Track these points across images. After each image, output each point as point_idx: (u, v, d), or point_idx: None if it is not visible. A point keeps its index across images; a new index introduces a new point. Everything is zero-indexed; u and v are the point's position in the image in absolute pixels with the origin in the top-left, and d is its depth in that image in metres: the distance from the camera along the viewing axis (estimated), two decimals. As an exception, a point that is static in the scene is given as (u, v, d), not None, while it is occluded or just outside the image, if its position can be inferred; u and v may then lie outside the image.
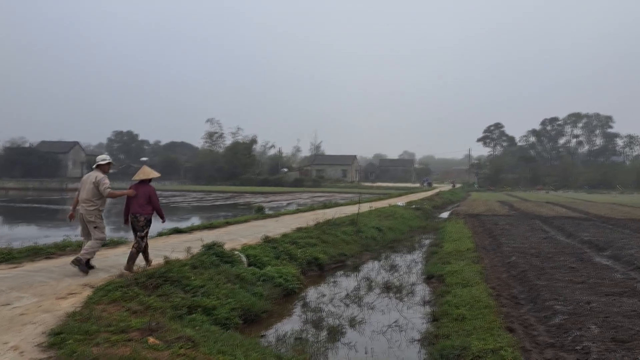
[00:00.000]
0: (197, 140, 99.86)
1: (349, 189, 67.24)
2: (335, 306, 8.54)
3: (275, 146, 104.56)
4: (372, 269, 12.16)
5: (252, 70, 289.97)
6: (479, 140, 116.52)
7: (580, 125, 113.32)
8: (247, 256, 9.90)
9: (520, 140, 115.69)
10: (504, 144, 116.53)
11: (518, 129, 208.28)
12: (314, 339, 6.78)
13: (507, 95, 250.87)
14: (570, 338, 6.04)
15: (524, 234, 16.93)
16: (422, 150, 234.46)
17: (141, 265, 8.17)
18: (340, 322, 7.56)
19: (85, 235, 8.04)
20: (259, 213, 20.31)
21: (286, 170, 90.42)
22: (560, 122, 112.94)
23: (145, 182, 8.17)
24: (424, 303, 8.80)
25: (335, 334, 7.00)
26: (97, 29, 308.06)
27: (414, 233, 20.00)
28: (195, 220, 21.76)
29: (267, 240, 11.90)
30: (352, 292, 9.51)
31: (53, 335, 4.89)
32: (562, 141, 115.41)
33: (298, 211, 23.54)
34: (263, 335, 6.97)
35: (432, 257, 13.08)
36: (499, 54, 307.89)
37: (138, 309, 6.03)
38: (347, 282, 10.60)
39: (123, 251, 9.60)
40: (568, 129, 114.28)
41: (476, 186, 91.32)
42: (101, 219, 7.98)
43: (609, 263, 11.71)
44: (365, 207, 23.61)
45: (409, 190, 58.26)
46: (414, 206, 29.44)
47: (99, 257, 8.78)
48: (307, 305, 8.55)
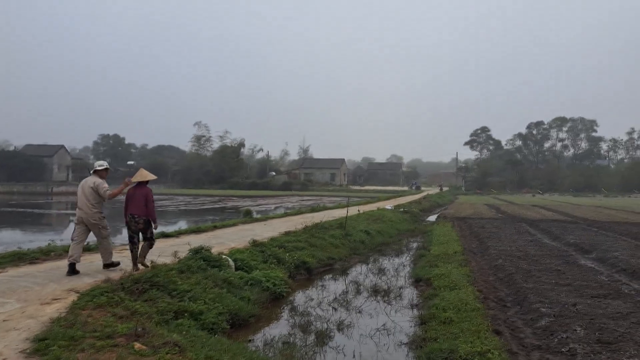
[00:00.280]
0: (185, 144, 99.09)
1: (338, 192, 67.32)
2: (323, 310, 8.53)
3: (263, 150, 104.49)
4: (360, 272, 12.16)
5: (240, 74, 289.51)
6: (466, 143, 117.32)
7: (565, 129, 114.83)
8: (235, 260, 9.85)
9: (506, 144, 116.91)
10: (491, 147, 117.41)
11: (504, 132, 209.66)
12: (302, 343, 6.76)
13: (493, 99, 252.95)
14: (556, 340, 6.09)
15: (511, 237, 17.07)
16: (410, 153, 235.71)
17: (127, 269, 8.09)
18: (328, 326, 7.55)
19: (79, 239, 8.13)
20: (247, 217, 20.25)
21: (274, 173, 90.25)
22: (545, 126, 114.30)
23: (143, 184, 8.43)
24: (412, 306, 8.82)
25: (323, 338, 6.99)
26: (83, 30, 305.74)
27: (402, 236, 20.06)
28: (182, 224, 21.65)
29: (255, 244, 11.85)
30: (340, 295, 9.50)
31: (37, 341, 4.81)
32: (547, 145, 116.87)
33: (286, 215, 23.49)
34: (251, 340, 6.93)
35: (420, 260, 13.12)
36: (486, 59, 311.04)
37: (124, 314, 5.96)
38: (335, 286, 10.59)
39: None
40: (553, 132, 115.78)
41: (463, 189, 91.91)
42: (104, 219, 8.27)
43: (594, 265, 11.84)
44: (353, 210, 23.63)
45: (397, 193, 58.46)
46: (402, 209, 29.53)
47: (84, 262, 8.69)
48: (295, 309, 8.53)
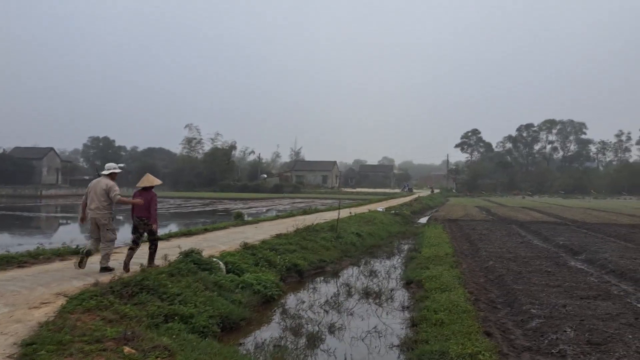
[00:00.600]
0: (176, 146, 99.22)
1: (329, 194, 67.35)
2: (314, 312, 8.51)
3: (254, 152, 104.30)
4: (351, 274, 12.16)
5: (231, 77, 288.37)
6: (456, 146, 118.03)
7: (554, 131, 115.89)
8: (226, 263, 9.81)
9: (497, 146, 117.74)
10: (481, 150, 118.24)
11: (495, 135, 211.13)
12: (293, 346, 6.73)
13: (484, 102, 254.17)
14: (546, 341, 6.12)
15: (501, 239, 17.15)
16: (402, 155, 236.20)
17: (117, 273, 8.03)
18: (319, 328, 7.53)
19: (95, 236, 8.60)
20: (238, 219, 20.16)
21: (265, 176, 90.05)
22: (535, 128, 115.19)
23: (148, 189, 8.82)
24: (403, 308, 8.83)
25: (314, 340, 6.97)
26: (73, 32, 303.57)
27: (394, 238, 20.09)
28: (173, 227, 21.55)
29: (246, 247, 11.82)
30: (331, 298, 9.49)
31: (25, 346, 4.76)
32: (537, 147, 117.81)
33: (277, 217, 23.45)
34: (241, 343, 6.90)
35: (411, 262, 13.14)
36: (476, 62, 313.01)
37: (113, 318, 5.92)
38: (326, 288, 10.58)
39: (98, 259, 9.41)
40: (543, 135, 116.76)
41: (454, 191, 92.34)
42: (112, 221, 8.64)
43: (583, 267, 11.93)
44: (345, 212, 23.64)
45: (389, 195, 58.57)
46: (394, 211, 29.60)
47: (73, 266, 8.61)
48: (286, 312, 8.50)
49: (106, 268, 8.57)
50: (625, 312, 7.42)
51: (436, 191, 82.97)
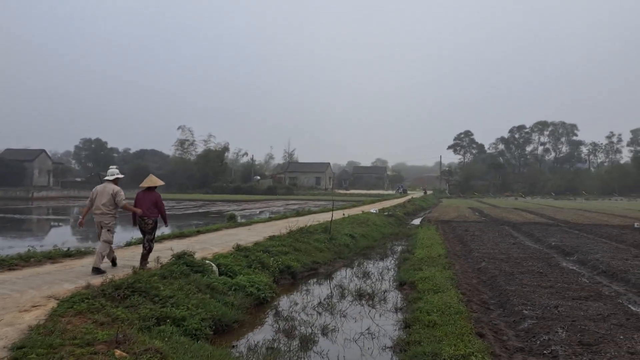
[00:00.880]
0: (168, 148, 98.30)
1: (323, 196, 67.35)
2: (307, 314, 8.50)
3: (247, 154, 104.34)
4: (344, 276, 12.16)
5: (224, 78, 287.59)
6: (449, 147, 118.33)
7: (546, 133, 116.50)
8: (219, 265, 9.77)
9: (489, 148, 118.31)
10: (474, 151, 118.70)
11: (487, 136, 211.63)
12: (286, 348, 6.72)
13: (476, 104, 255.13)
14: (538, 342, 6.15)
15: (494, 240, 17.22)
16: (395, 157, 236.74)
17: (109, 276, 7.98)
18: (312, 330, 7.52)
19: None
20: (231, 221, 20.12)
21: (259, 178, 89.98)
22: (527, 129, 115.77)
23: (152, 189, 9.29)
24: (396, 310, 8.83)
25: (307, 342, 6.95)
26: (65, 33, 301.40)
27: (387, 240, 20.11)
28: (165, 229, 21.41)
29: (239, 248, 11.78)
30: (324, 300, 9.48)
31: (15, 349, 4.73)
32: (529, 148, 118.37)
33: (271, 219, 23.42)
34: (234, 346, 6.88)
35: (404, 263, 13.15)
36: (469, 64, 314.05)
37: (105, 320, 5.88)
38: (320, 290, 10.57)
39: (89, 261, 9.37)
40: (535, 136, 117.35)
41: (447, 193, 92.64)
42: (115, 224, 9.06)
43: (575, 268, 12.00)
44: (338, 214, 23.64)
45: (382, 197, 58.67)
46: (387, 213, 29.64)
47: (63, 269, 8.56)
48: (279, 314, 8.49)
49: (98, 269, 8.59)
50: (617, 312, 7.46)
51: (429, 192, 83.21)
